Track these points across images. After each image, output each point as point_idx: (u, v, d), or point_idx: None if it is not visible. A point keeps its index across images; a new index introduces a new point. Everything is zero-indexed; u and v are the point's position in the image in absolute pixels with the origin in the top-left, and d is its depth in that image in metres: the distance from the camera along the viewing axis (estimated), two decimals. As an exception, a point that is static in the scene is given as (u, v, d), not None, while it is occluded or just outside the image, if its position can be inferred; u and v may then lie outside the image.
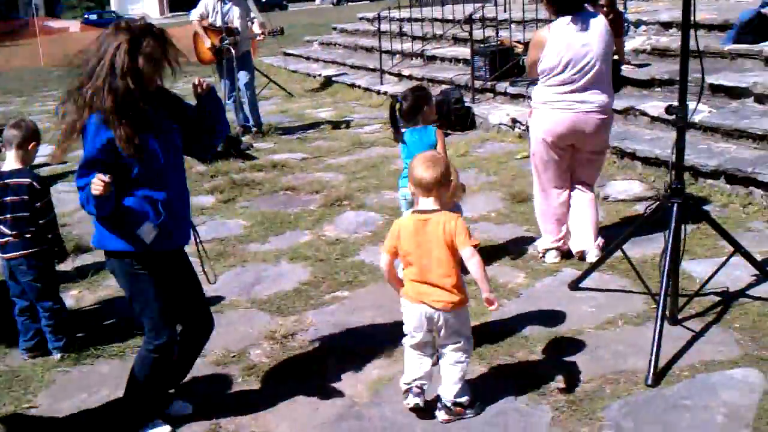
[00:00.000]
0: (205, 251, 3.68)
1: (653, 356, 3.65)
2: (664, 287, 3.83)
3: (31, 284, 4.20)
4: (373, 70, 12.39)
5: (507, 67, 9.46)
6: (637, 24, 9.13)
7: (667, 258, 3.90)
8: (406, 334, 3.52)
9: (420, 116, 4.85)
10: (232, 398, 3.81)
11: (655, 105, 7.24)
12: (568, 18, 4.72)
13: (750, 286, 4.45)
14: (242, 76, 9.55)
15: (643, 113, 7.24)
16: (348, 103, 11.72)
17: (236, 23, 9.24)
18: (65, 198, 6.87)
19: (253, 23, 9.49)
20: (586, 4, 4.82)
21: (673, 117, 3.92)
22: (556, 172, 5.01)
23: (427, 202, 3.39)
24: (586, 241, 5.05)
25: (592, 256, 4.98)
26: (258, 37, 9.23)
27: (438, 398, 3.49)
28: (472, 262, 3.31)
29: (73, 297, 5.20)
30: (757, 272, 4.37)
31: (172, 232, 3.30)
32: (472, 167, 7.51)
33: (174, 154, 3.31)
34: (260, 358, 4.19)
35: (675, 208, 3.96)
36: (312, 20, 27.43)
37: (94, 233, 3.31)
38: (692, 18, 3.77)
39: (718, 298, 4.39)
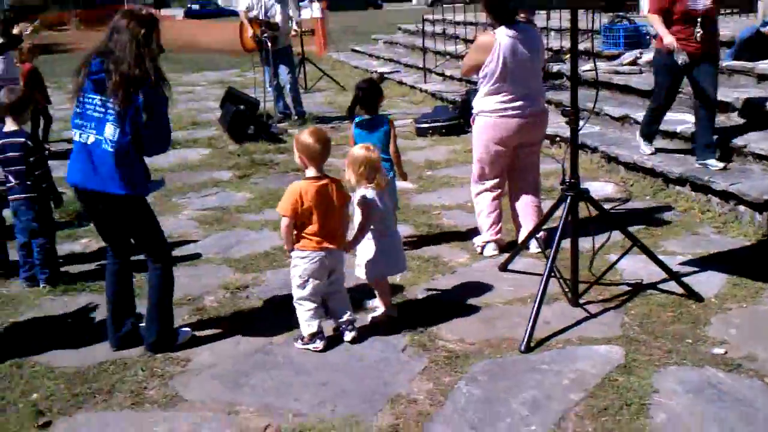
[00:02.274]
0: None
1: (529, 327, 4.13)
2: (547, 270, 4.31)
3: (29, 223, 5.01)
4: (421, 69, 12.95)
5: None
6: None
7: (554, 245, 4.38)
8: (302, 287, 4.14)
9: (377, 105, 5.34)
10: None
11: (650, 115, 7.56)
12: (511, 28, 5.15)
13: (664, 280, 4.81)
14: (282, 70, 10.31)
15: (636, 122, 7.57)
16: (393, 99, 12.31)
17: (277, 19, 9.98)
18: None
19: (292, 21, 10.21)
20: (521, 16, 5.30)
21: (567, 119, 4.37)
22: (498, 172, 5.48)
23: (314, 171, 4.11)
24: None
25: (534, 248, 5.43)
26: (292, 33, 9.97)
27: (341, 325, 4.23)
28: None
29: (82, 244, 6.03)
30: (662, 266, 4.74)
31: None
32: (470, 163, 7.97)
33: None
34: (211, 303, 4.85)
35: (568, 200, 4.42)
36: (399, 20, 28.08)
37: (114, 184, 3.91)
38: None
39: (628, 288, 4.80)
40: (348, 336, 4.21)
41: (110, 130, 3.87)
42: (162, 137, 4.03)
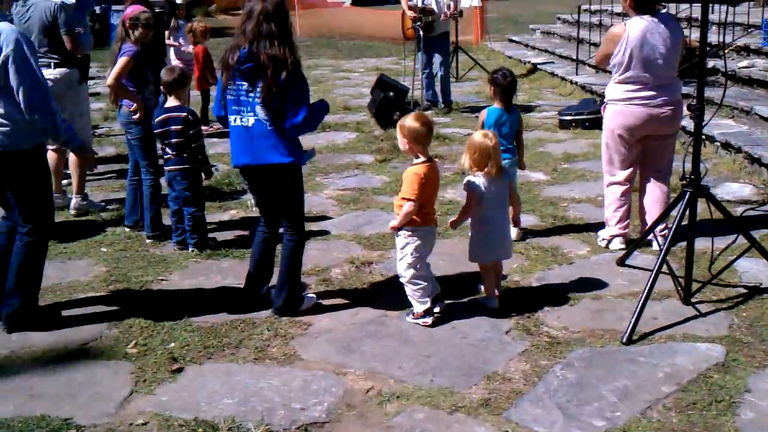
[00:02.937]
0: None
1: (633, 319, 4.23)
2: (657, 266, 4.37)
3: (182, 192, 5.58)
4: (575, 60, 12.86)
5: (686, 66, 9.62)
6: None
7: (667, 241, 4.43)
8: (416, 267, 4.44)
9: (511, 98, 5.59)
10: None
11: (802, 116, 7.29)
12: (644, 17, 5.16)
13: (785, 286, 4.76)
14: (436, 58, 10.61)
15: (786, 123, 7.32)
16: (542, 90, 12.34)
17: (433, 5, 10.27)
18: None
19: (448, 7, 10.49)
20: (659, 5, 5.25)
21: (691, 113, 4.39)
22: (626, 162, 5.49)
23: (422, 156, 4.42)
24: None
25: (656, 244, 5.45)
26: (441, 17, 10.30)
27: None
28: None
29: (230, 215, 6.61)
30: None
31: None
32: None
33: None
34: (337, 275, 5.25)
35: (687, 196, 4.45)
36: (562, 10, 27.68)
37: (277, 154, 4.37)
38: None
39: (744, 290, 4.77)
40: (437, 309, 4.52)
41: (262, 112, 4.31)
42: (309, 118, 4.38)
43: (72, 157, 6.66)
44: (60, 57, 6.46)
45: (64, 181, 7.04)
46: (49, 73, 6.29)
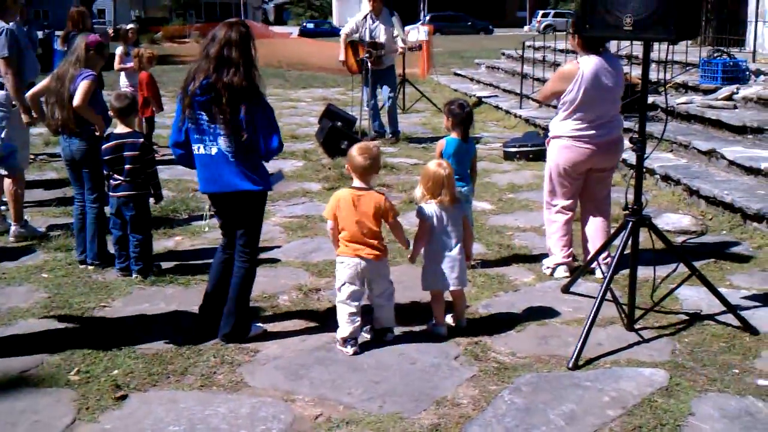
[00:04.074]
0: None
1: (578, 345, 4.29)
2: (601, 293, 4.45)
3: (132, 218, 5.49)
4: (519, 94, 13.12)
5: (628, 101, 9.89)
6: (758, 73, 9.31)
7: (611, 269, 4.52)
8: (339, 290, 4.46)
9: (468, 129, 5.67)
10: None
11: (736, 150, 7.55)
12: (593, 56, 5.30)
13: (723, 312, 4.85)
14: (384, 90, 10.70)
15: (723, 156, 7.56)
16: (486, 123, 12.55)
17: (381, 39, 10.39)
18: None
19: (396, 41, 10.62)
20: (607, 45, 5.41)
21: (633, 146, 4.51)
22: (568, 194, 5.62)
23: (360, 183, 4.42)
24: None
25: (599, 272, 5.56)
26: (397, 52, 10.45)
27: (383, 330, 4.58)
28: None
29: (175, 241, 6.52)
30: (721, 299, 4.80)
31: None
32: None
33: None
34: (284, 302, 5.21)
35: (629, 225, 4.55)
36: (508, 46, 28.23)
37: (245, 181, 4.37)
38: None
39: (686, 317, 4.89)
40: (353, 344, 4.48)
41: (224, 143, 4.30)
42: (273, 142, 4.38)
43: (6, 185, 6.51)
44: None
45: (2, 207, 6.88)
46: None
